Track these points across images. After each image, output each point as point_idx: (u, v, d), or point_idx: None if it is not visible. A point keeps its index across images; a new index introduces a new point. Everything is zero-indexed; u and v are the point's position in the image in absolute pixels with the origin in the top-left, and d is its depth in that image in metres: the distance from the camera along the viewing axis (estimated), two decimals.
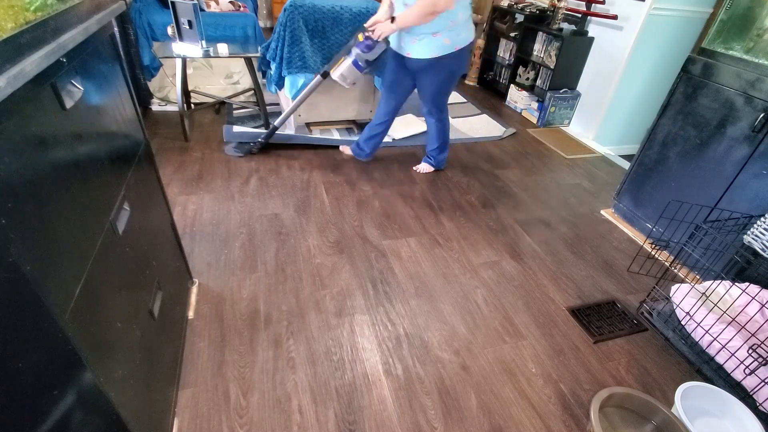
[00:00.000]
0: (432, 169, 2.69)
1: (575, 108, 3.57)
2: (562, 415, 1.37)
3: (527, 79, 3.85)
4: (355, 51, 2.21)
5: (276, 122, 2.59)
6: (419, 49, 2.12)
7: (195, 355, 1.42)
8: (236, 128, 2.98)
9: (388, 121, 2.51)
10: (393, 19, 2.06)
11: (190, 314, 1.56)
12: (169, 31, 2.69)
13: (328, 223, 2.12)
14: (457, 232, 2.16)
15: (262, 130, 2.79)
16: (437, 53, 2.11)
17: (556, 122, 3.64)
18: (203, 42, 2.57)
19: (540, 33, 3.66)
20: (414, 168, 2.70)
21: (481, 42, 4.34)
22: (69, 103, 0.75)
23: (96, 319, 0.77)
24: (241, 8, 3.52)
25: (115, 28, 1.94)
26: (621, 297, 1.87)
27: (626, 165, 3.07)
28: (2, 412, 0.65)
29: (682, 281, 1.99)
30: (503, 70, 4.26)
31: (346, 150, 2.79)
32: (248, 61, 2.71)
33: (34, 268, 0.59)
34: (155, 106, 3.18)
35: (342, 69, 2.28)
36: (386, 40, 2.19)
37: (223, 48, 2.61)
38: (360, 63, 2.23)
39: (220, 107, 3.26)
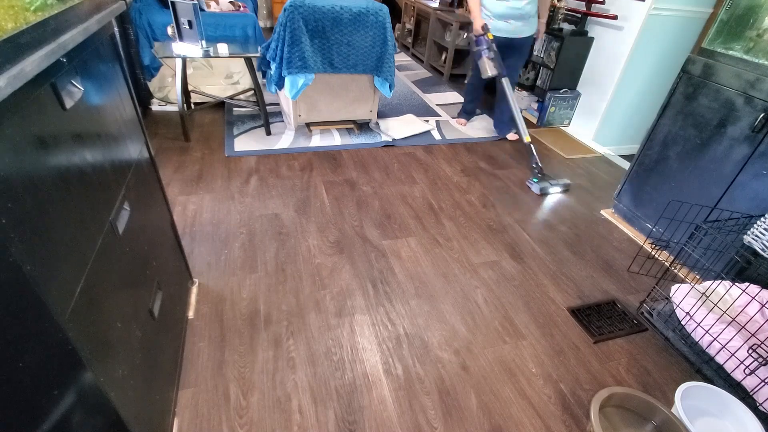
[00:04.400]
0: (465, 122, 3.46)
1: (575, 108, 3.57)
2: (562, 415, 1.37)
3: (527, 79, 3.85)
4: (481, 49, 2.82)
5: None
6: (530, 28, 2.86)
7: (195, 355, 1.43)
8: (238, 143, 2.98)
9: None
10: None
11: (190, 314, 1.56)
12: (169, 31, 2.69)
13: (328, 223, 2.12)
14: (457, 232, 2.16)
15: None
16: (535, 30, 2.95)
17: (556, 122, 3.64)
18: (203, 42, 2.57)
19: None
20: (511, 137, 3.29)
21: None
22: (69, 103, 0.75)
23: (96, 319, 0.77)
24: (241, 8, 3.52)
25: (115, 28, 1.94)
26: (621, 297, 1.87)
27: (626, 165, 3.07)
28: (2, 412, 0.65)
29: (682, 281, 1.99)
30: None
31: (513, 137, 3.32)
32: (248, 61, 2.71)
33: (34, 268, 0.59)
34: (155, 106, 3.18)
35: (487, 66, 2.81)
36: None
37: (223, 48, 2.61)
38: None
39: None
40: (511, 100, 2.84)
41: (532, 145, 2.73)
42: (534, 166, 2.68)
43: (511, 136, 3.29)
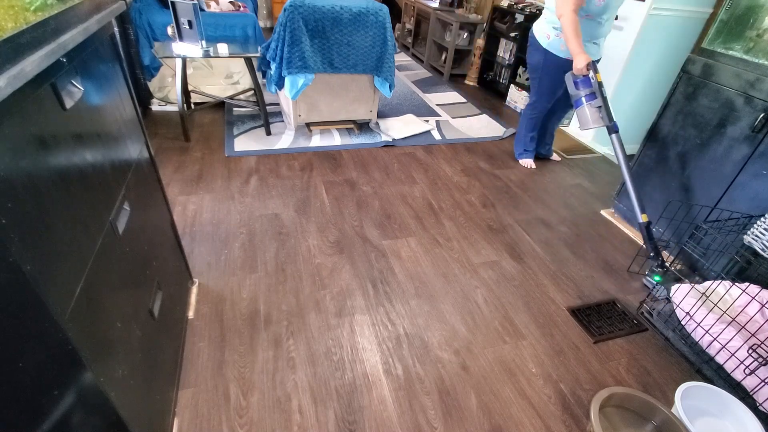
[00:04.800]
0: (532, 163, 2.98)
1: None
2: (562, 415, 1.37)
3: (527, 79, 3.85)
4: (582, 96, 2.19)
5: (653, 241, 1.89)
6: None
7: (195, 355, 1.42)
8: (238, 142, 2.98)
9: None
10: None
11: (190, 314, 1.56)
12: (169, 31, 2.69)
13: (328, 223, 2.12)
14: (457, 232, 2.16)
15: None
16: None
17: None
18: (203, 42, 2.57)
19: None
20: (524, 163, 2.93)
21: (481, 42, 4.35)
22: (69, 103, 0.75)
23: (96, 319, 0.77)
24: (241, 8, 3.52)
25: (115, 28, 1.94)
26: (621, 297, 1.87)
27: None
28: (2, 412, 0.65)
29: (682, 281, 1.99)
30: (503, 70, 4.26)
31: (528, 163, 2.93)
32: (248, 61, 2.71)
33: (34, 268, 0.59)
34: (155, 106, 3.18)
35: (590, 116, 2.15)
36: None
37: (223, 48, 2.61)
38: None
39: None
40: (623, 165, 1.99)
41: (651, 226, 1.91)
42: (651, 255, 1.88)
43: (555, 157, 3.02)
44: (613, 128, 2.05)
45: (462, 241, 2.11)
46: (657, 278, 1.80)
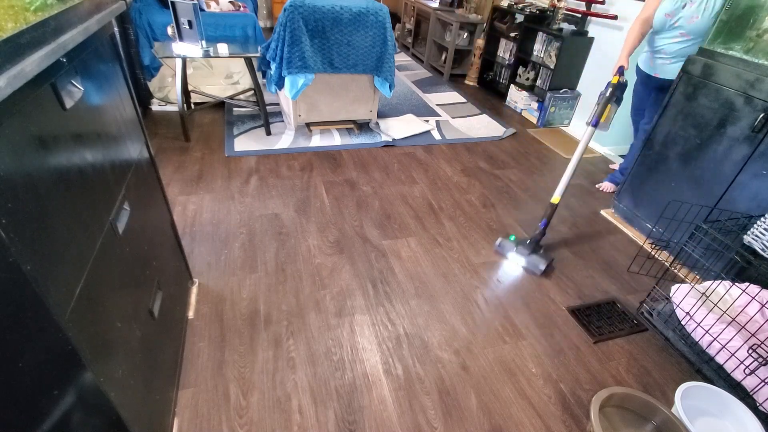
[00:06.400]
0: (614, 188, 2.73)
1: (575, 108, 3.57)
2: (562, 415, 1.37)
3: (527, 79, 3.86)
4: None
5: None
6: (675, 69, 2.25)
7: (195, 355, 1.42)
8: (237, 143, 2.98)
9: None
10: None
11: (190, 314, 1.56)
12: (169, 31, 2.69)
13: (328, 223, 2.12)
14: (457, 232, 2.16)
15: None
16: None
17: (556, 122, 3.64)
18: (203, 42, 2.57)
19: (540, 33, 3.66)
20: (598, 186, 2.78)
21: (481, 42, 4.35)
22: (69, 103, 0.75)
23: (96, 319, 0.77)
24: (241, 8, 3.52)
25: (115, 28, 1.94)
26: (621, 297, 1.87)
27: None
28: (2, 412, 0.65)
29: (682, 281, 1.99)
30: (503, 70, 4.26)
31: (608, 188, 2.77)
32: (248, 61, 2.71)
33: (34, 268, 0.59)
34: (155, 106, 3.18)
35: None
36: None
37: (223, 48, 2.61)
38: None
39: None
40: (578, 154, 1.99)
41: (554, 209, 2.00)
42: (539, 229, 2.01)
43: (606, 186, 2.75)
44: (591, 123, 2.02)
45: (462, 241, 2.11)
46: (512, 237, 2.08)
